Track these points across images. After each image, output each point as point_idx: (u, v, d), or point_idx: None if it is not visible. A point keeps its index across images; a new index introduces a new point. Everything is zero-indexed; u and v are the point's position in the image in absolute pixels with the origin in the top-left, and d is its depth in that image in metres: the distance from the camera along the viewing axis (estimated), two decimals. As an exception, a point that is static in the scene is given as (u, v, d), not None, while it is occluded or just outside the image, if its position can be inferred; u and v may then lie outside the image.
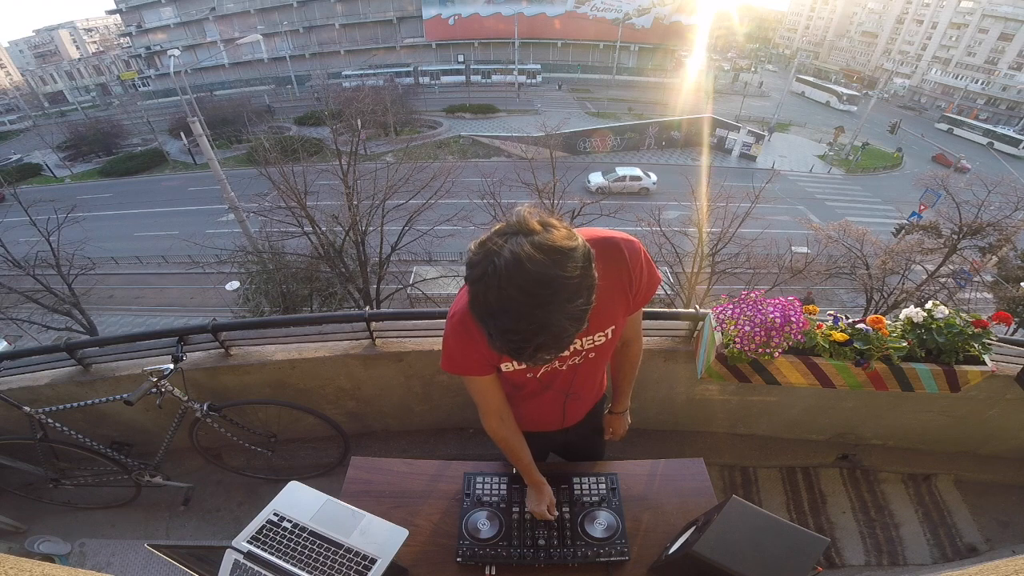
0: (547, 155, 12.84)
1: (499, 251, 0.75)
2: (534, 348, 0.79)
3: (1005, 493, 2.71)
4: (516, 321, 0.76)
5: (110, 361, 2.40)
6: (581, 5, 42.13)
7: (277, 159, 9.70)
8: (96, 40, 73.80)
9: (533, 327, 0.76)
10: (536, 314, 0.75)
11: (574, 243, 0.78)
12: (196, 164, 26.07)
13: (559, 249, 0.75)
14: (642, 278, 1.10)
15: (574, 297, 0.76)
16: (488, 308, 0.77)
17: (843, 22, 65.13)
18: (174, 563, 1.15)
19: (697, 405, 2.60)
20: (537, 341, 0.78)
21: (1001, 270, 10.42)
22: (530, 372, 1.19)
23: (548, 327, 0.76)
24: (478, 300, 0.79)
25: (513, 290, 0.73)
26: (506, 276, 0.73)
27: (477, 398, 1.25)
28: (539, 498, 1.40)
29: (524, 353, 0.80)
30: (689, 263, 9.97)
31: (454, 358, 1.13)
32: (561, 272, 0.74)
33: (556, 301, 0.75)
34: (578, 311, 0.78)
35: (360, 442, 2.77)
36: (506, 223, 0.80)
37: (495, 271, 0.74)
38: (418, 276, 11.00)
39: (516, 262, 0.73)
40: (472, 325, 1.04)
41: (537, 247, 0.74)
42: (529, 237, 0.75)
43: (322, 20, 44.29)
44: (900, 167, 29.41)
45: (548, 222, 0.79)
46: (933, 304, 1.81)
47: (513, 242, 0.75)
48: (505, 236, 0.77)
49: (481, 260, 0.77)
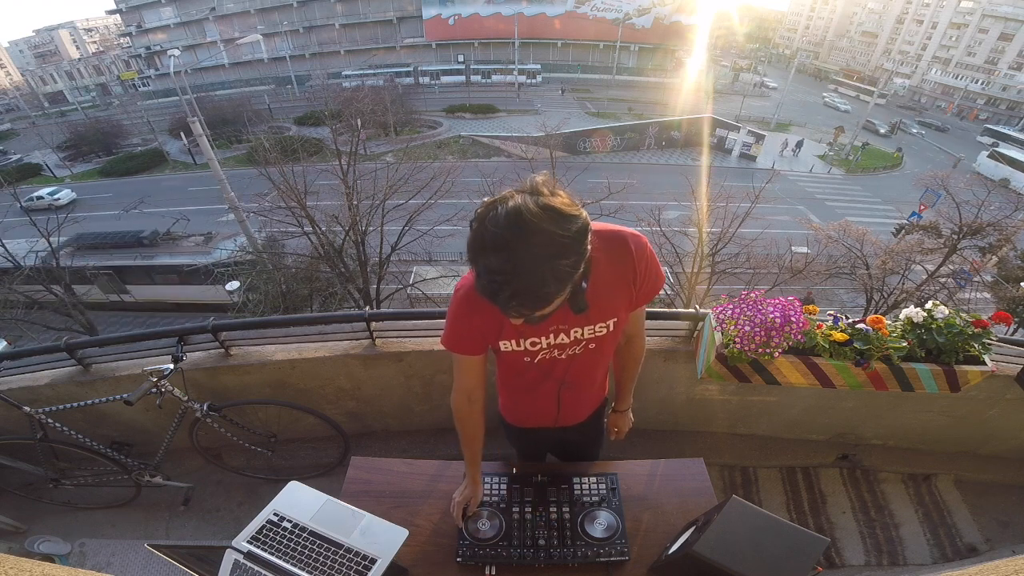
0: (547, 155, 12.87)
1: (505, 201, 0.82)
2: (511, 293, 0.82)
3: (1005, 493, 2.71)
4: (501, 261, 0.80)
5: (110, 361, 2.40)
6: (581, 5, 42.14)
7: (277, 159, 9.69)
8: (96, 40, 73.79)
9: (515, 269, 0.80)
10: (521, 258, 0.79)
11: (575, 211, 0.83)
12: (196, 164, 26.04)
13: (559, 210, 0.81)
14: (647, 274, 1.13)
15: (561, 255, 0.81)
16: (480, 245, 0.82)
17: (843, 22, 65.16)
18: (174, 563, 1.15)
19: (697, 405, 2.60)
20: (515, 285, 0.81)
21: (1001, 270, 10.41)
22: (527, 356, 1.20)
23: (530, 275, 0.80)
24: (474, 238, 0.83)
25: (506, 232, 0.79)
26: (503, 219, 0.79)
27: (458, 374, 1.28)
28: (470, 491, 1.42)
29: (500, 295, 0.83)
30: (689, 263, 9.96)
31: (456, 333, 1.17)
32: (554, 228, 0.79)
33: (543, 252, 0.80)
34: (562, 271, 0.82)
35: (360, 442, 2.77)
36: (516, 187, 0.86)
37: (495, 215, 0.80)
38: (418, 276, 10.99)
39: (516, 211, 0.79)
40: (476, 299, 1.06)
41: (539, 205, 0.80)
42: (535, 197, 0.81)
43: (322, 20, 44.31)
44: (900, 167, 29.41)
45: (554, 190, 0.84)
46: (933, 304, 1.81)
47: (519, 197, 0.82)
48: (514, 193, 0.83)
49: (488, 206, 0.83)
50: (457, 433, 1.38)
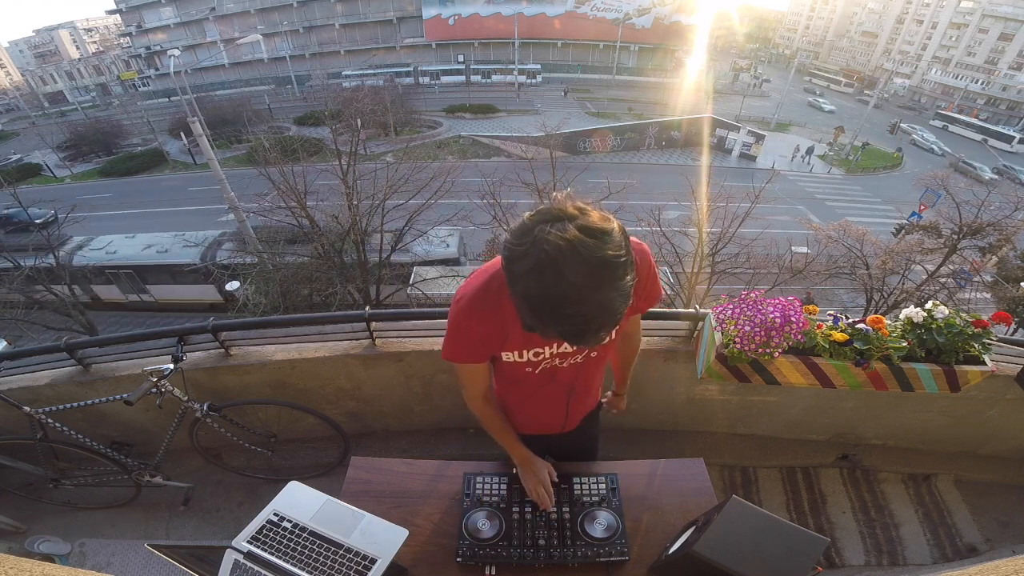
0: (547, 155, 12.84)
1: (546, 238, 0.75)
2: (596, 329, 0.80)
3: (1005, 493, 2.71)
4: (578, 305, 0.76)
5: (110, 361, 2.40)
6: (581, 5, 42.14)
7: (277, 159, 9.70)
8: (96, 40, 73.76)
9: (595, 309, 0.77)
10: (595, 296, 0.76)
11: (612, 224, 0.79)
12: (196, 164, 26.03)
13: (603, 230, 0.76)
14: (650, 284, 1.13)
15: (624, 274, 0.78)
16: (547, 298, 0.77)
17: (843, 22, 65.15)
18: (174, 563, 1.14)
19: (697, 405, 2.60)
20: (599, 322, 0.79)
21: (1001, 270, 10.41)
22: (529, 367, 1.20)
23: (607, 307, 0.77)
24: (533, 291, 0.77)
25: (572, 275, 0.74)
26: (562, 262, 0.74)
27: (466, 381, 1.28)
28: (530, 472, 1.42)
29: (586, 336, 0.81)
30: (689, 263, 9.96)
31: (457, 343, 1.14)
32: (611, 251, 0.75)
33: (611, 280, 0.76)
34: (627, 287, 0.79)
35: (360, 442, 2.77)
36: (541, 210, 0.80)
37: (549, 259, 0.74)
38: (418, 276, 10.98)
39: (570, 248, 0.73)
40: (479, 309, 1.06)
41: (583, 230, 0.75)
42: (573, 222, 0.76)
43: (322, 20, 44.30)
44: (900, 167, 29.41)
45: (581, 206, 0.80)
46: (933, 304, 1.81)
47: (558, 228, 0.75)
48: (546, 223, 0.77)
49: (528, 251, 0.76)
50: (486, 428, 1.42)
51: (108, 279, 13.60)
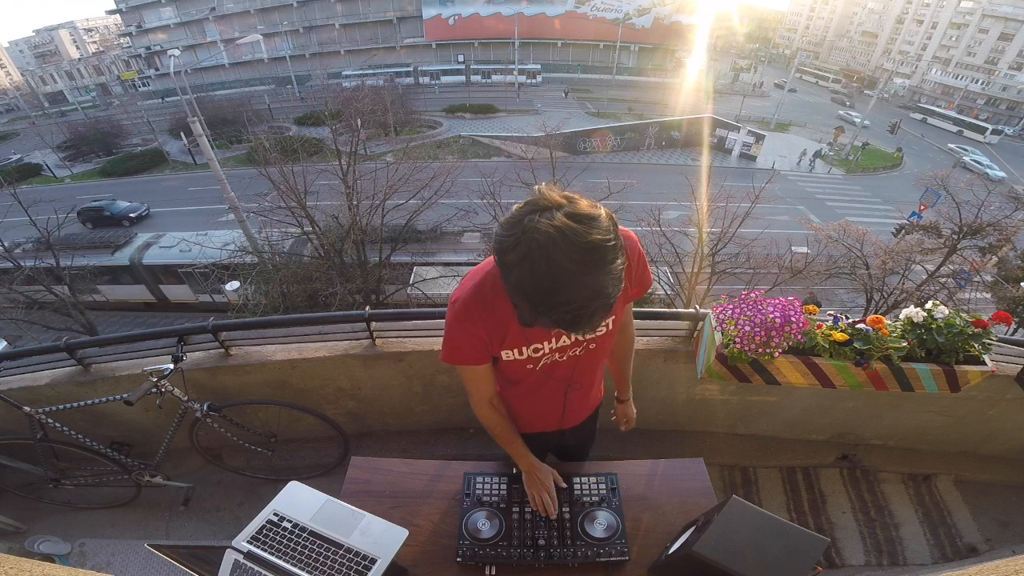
0: (547, 155, 12.85)
1: (535, 227, 0.76)
2: (590, 315, 0.80)
3: (1005, 493, 2.70)
4: (571, 292, 0.77)
5: (110, 361, 2.40)
6: (581, 5, 42.15)
7: (277, 159, 9.70)
8: (96, 40, 73.76)
9: (587, 294, 0.77)
10: (588, 281, 0.77)
11: (599, 210, 0.80)
12: (196, 164, 26.04)
13: (590, 216, 0.77)
14: (640, 270, 1.14)
15: (614, 258, 0.78)
16: (539, 286, 0.77)
17: (843, 22, 65.16)
18: (174, 563, 1.15)
19: (697, 405, 2.60)
20: (593, 307, 0.79)
21: (1001, 270, 10.41)
22: (530, 363, 1.20)
23: (599, 291, 0.78)
24: (526, 280, 0.78)
25: (564, 261, 0.74)
26: (552, 249, 0.74)
27: (471, 386, 1.27)
28: (535, 480, 1.41)
29: (581, 322, 0.81)
30: (689, 263, 9.96)
31: (455, 346, 1.14)
32: (598, 236, 0.76)
33: (602, 264, 0.77)
34: (618, 271, 0.80)
35: (360, 442, 2.77)
36: (529, 201, 0.81)
37: (539, 246, 0.75)
38: (418, 276, 10.99)
39: (559, 234, 0.74)
40: (475, 310, 1.06)
41: (571, 217, 0.76)
42: (559, 210, 0.77)
43: (322, 20, 44.32)
44: (900, 167, 29.41)
45: (569, 195, 0.81)
46: (933, 304, 1.81)
47: (546, 216, 0.76)
48: (535, 213, 0.78)
49: (519, 240, 0.77)
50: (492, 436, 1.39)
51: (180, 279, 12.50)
